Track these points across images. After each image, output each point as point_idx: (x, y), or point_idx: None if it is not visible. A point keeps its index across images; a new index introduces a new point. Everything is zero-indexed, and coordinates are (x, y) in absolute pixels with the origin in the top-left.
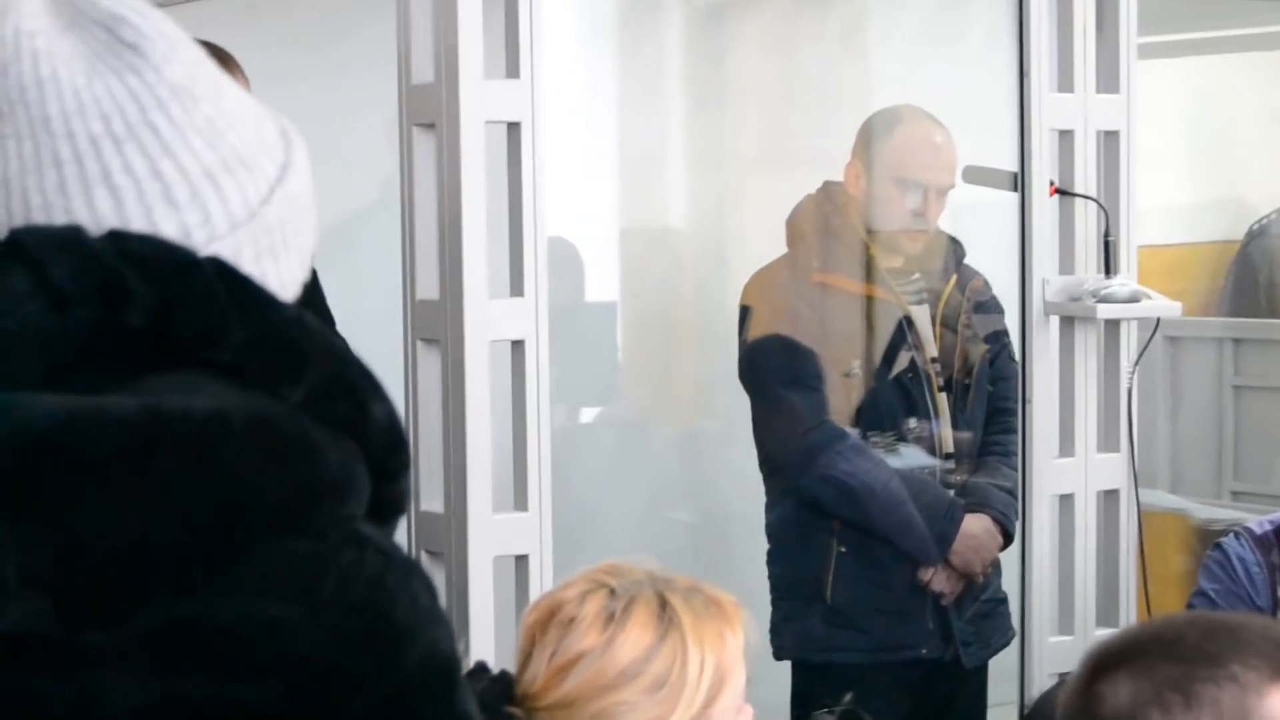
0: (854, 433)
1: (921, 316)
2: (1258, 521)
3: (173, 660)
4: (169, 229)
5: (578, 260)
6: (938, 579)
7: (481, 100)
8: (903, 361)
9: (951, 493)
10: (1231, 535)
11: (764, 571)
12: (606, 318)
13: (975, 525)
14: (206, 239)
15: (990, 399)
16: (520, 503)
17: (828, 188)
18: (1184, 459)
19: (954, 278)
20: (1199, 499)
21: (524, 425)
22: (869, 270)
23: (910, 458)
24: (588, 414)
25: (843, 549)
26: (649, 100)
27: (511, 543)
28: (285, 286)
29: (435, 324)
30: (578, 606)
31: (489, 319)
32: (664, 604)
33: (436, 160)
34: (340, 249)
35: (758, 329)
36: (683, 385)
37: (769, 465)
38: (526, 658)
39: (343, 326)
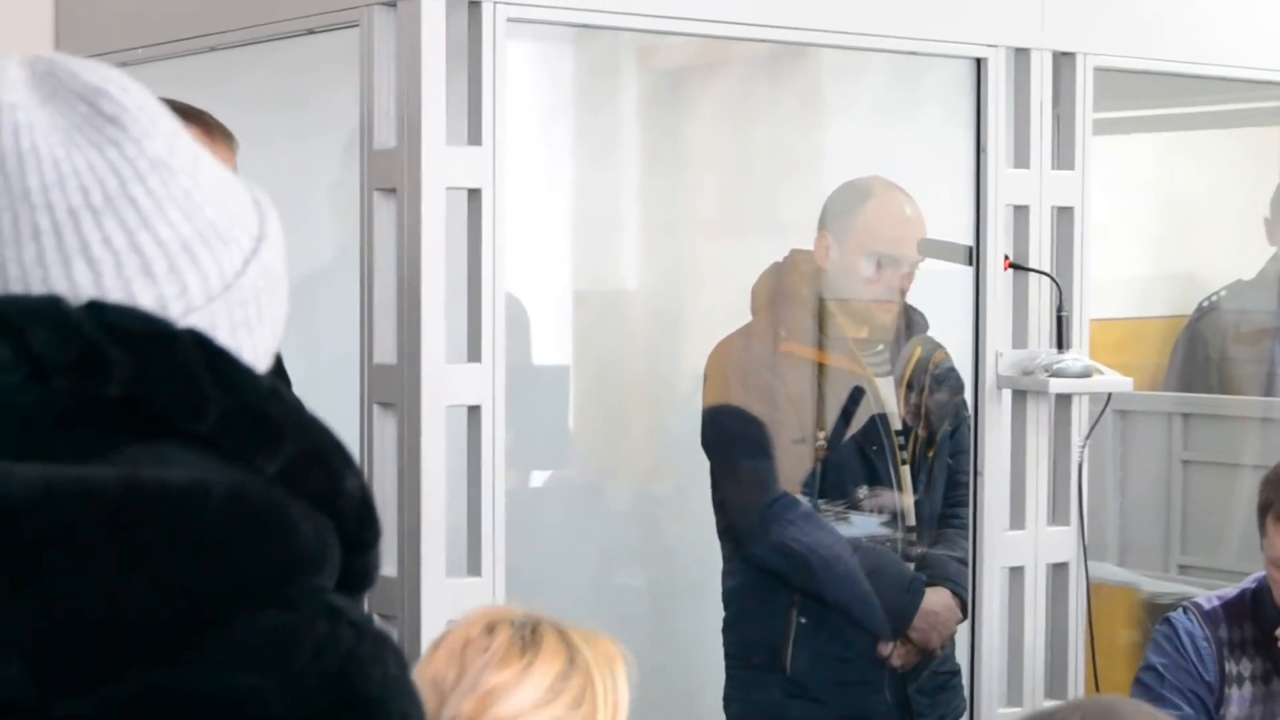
0: (808, 502)
1: (885, 388)
2: (1206, 597)
3: None
4: (146, 301)
5: (529, 323)
6: (897, 653)
7: (443, 166)
8: (867, 432)
9: (911, 566)
10: (1180, 610)
11: (717, 639)
12: (559, 380)
13: (935, 601)
14: (183, 311)
15: (950, 471)
16: (474, 568)
17: (794, 256)
18: (1132, 532)
19: (917, 350)
20: (1147, 572)
21: (479, 490)
22: (832, 340)
23: (862, 527)
24: (539, 477)
25: (803, 620)
26: (605, 165)
27: (464, 607)
28: (259, 358)
29: (392, 388)
30: (487, 639)
31: (446, 384)
32: (562, 634)
33: (397, 225)
34: (297, 310)
35: (715, 396)
36: (635, 449)
37: (728, 532)
38: (439, 703)
39: (299, 388)
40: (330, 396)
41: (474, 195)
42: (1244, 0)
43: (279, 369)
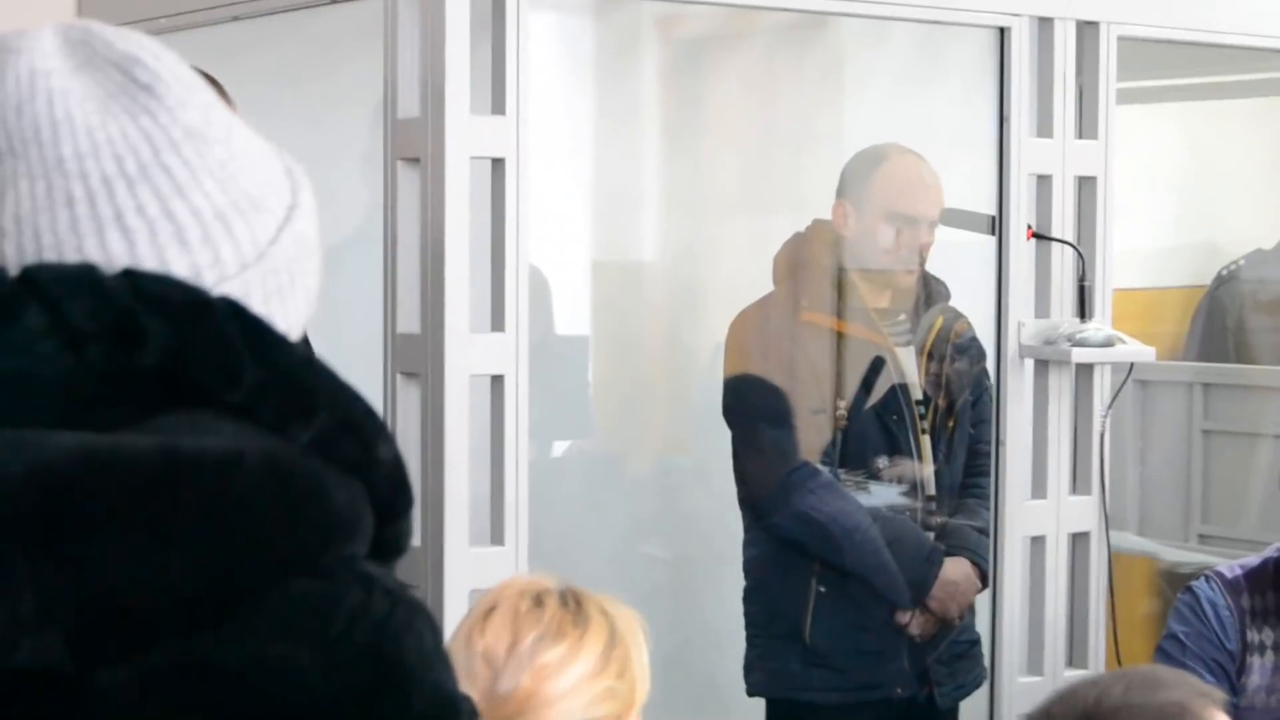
0: (829, 471)
1: (906, 357)
2: (1228, 566)
3: (183, 699)
4: (180, 269)
5: (550, 293)
6: (915, 622)
7: (467, 136)
8: (886, 403)
9: (931, 535)
10: (1202, 579)
11: (738, 608)
12: (579, 351)
13: (954, 571)
14: (217, 279)
15: (970, 441)
16: (497, 537)
17: (816, 226)
18: (1152, 502)
19: (939, 319)
20: (1167, 542)
21: (502, 460)
22: (853, 310)
23: (881, 497)
24: (560, 448)
25: (822, 589)
26: (626, 136)
27: (488, 577)
28: (291, 327)
29: (416, 358)
30: (538, 611)
31: (470, 353)
32: (597, 603)
33: (421, 195)
34: (325, 280)
35: (736, 365)
36: (655, 420)
37: (749, 501)
38: (493, 677)
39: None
40: (356, 366)
41: (497, 165)
42: None
43: (304, 339)
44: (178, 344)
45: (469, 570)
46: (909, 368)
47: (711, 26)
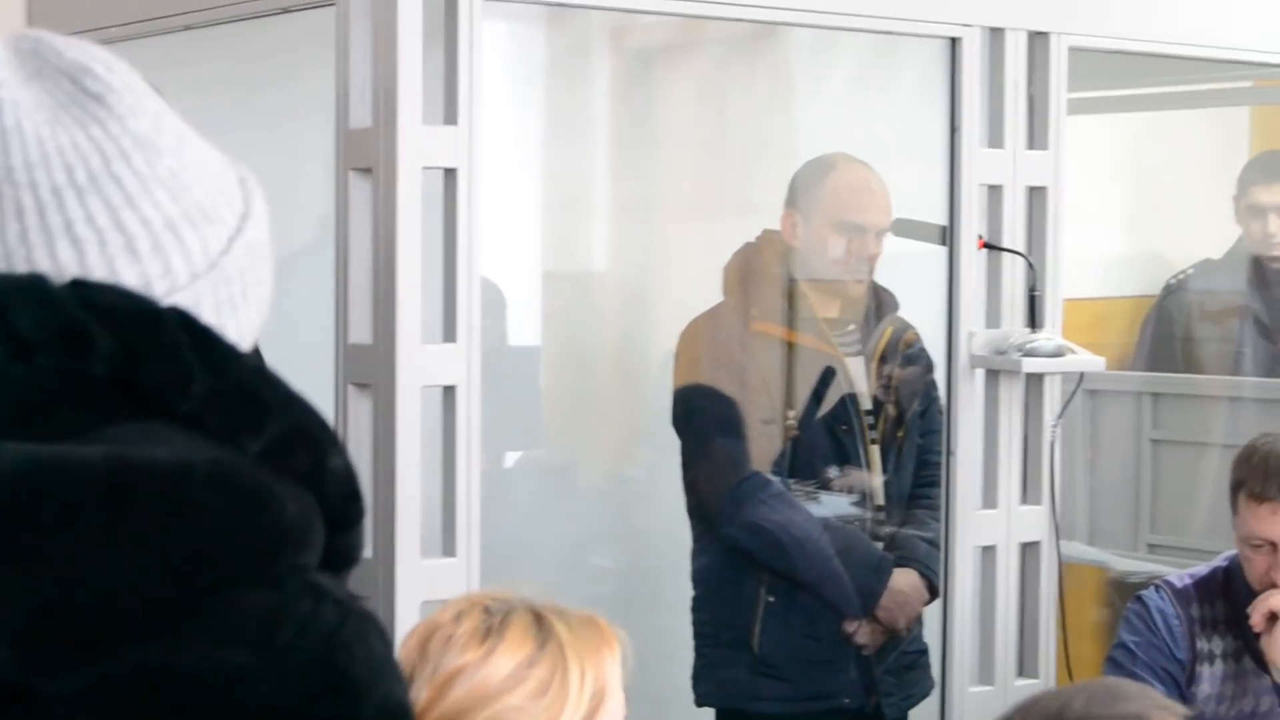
0: (779, 482)
1: (856, 368)
2: (1178, 575)
3: (134, 707)
4: (130, 279)
5: (502, 303)
6: (862, 632)
7: (419, 146)
8: (836, 412)
9: (880, 545)
10: (1152, 588)
11: (689, 619)
12: (530, 361)
13: (903, 581)
14: (167, 290)
15: (919, 451)
16: (448, 548)
17: (766, 236)
18: (1102, 511)
19: (888, 330)
20: (1117, 551)
21: (453, 470)
22: (804, 320)
23: (832, 507)
24: (511, 458)
25: (771, 599)
26: (577, 145)
27: (439, 588)
28: (243, 336)
29: (368, 368)
30: (454, 625)
31: (421, 364)
32: (539, 619)
33: (372, 205)
34: (278, 289)
35: (688, 375)
36: (607, 430)
37: (698, 511)
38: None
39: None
40: (311, 377)
41: (450, 175)
42: None
43: (254, 350)
44: (126, 354)
45: (420, 581)
46: (858, 378)
47: (663, 36)
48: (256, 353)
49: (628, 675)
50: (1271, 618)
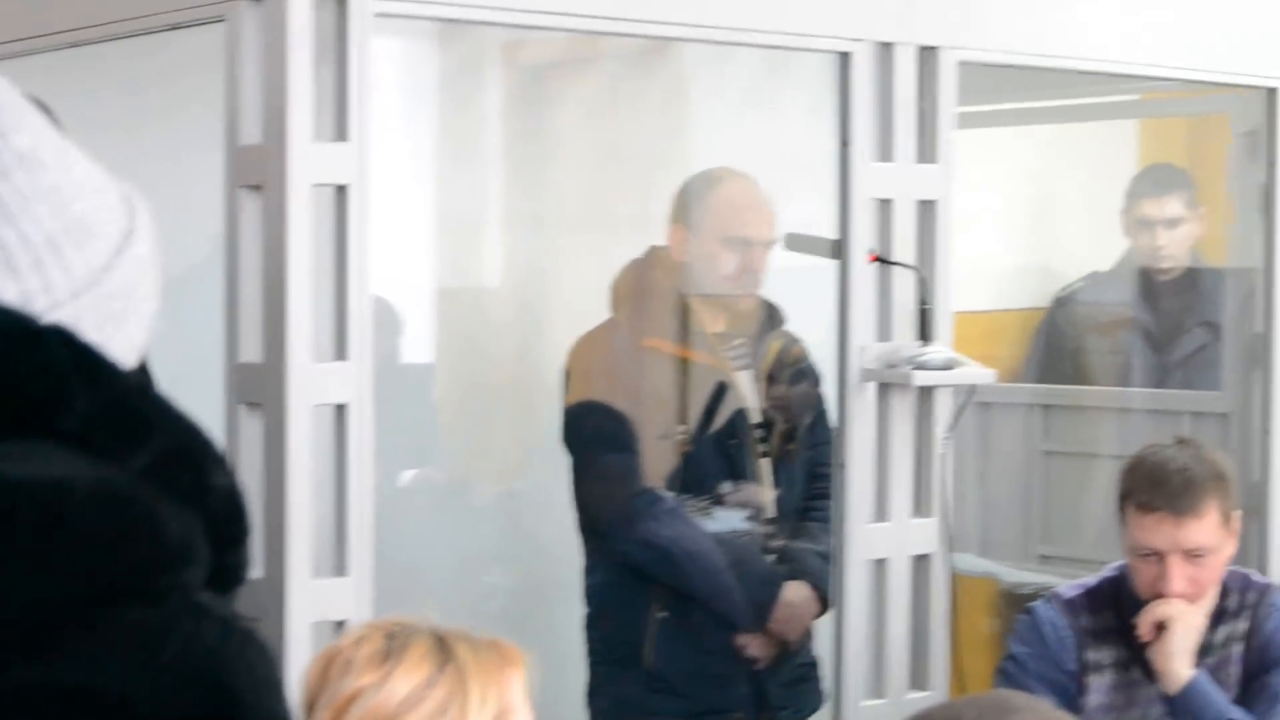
0: (672, 497)
1: (744, 381)
2: (1067, 586)
3: None
4: (9, 296)
5: (395, 320)
6: (754, 645)
7: (310, 163)
8: (726, 426)
9: (772, 558)
10: (1041, 600)
11: (582, 636)
12: (423, 378)
13: (794, 593)
14: (48, 306)
15: (808, 464)
16: (340, 568)
17: (653, 252)
18: (994, 523)
19: (775, 343)
20: (1008, 563)
21: (345, 490)
22: (693, 334)
23: (725, 522)
24: (404, 476)
25: (663, 614)
26: (470, 161)
27: (330, 608)
28: (128, 353)
29: (258, 388)
30: (354, 649)
31: (312, 382)
32: (441, 642)
33: (263, 222)
34: (169, 307)
35: (579, 392)
36: (501, 447)
37: (588, 529)
38: (309, 711)
39: (169, 387)
40: (202, 396)
41: (340, 192)
42: None
43: (142, 367)
44: (5, 372)
45: (311, 602)
46: (747, 392)
47: (556, 51)
48: (144, 370)
49: (534, 695)
50: (1159, 627)
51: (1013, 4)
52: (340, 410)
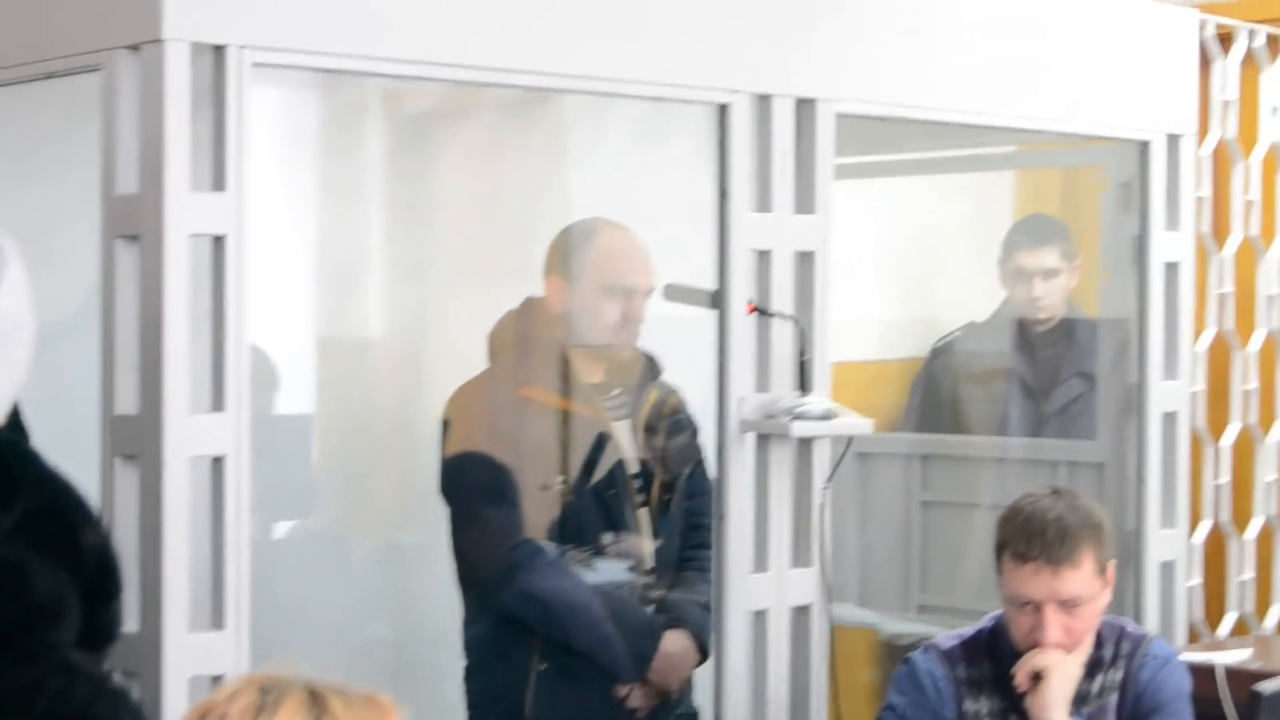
0: (552, 548)
1: (622, 432)
2: (945, 636)
3: None
4: None
5: (274, 371)
6: (634, 695)
7: (187, 213)
8: (604, 477)
9: (651, 609)
10: (920, 650)
11: (462, 688)
12: (303, 429)
13: (673, 643)
14: None
15: (686, 514)
16: (217, 622)
17: (530, 303)
18: (873, 573)
19: (653, 394)
20: (887, 613)
21: (222, 542)
22: (571, 385)
23: (607, 573)
24: (282, 528)
25: (543, 665)
26: (351, 210)
27: (207, 662)
28: None
29: (134, 439)
30: (228, 704)
31: (190, 434)
32: (315, 696)
33: (140, 273)
34: (46, 358)
35: (459, 443)
36: (381, 498)
37: (468, 580)
38: None
39: (47, 440)
40: (80, 448)
41: (218, 242)
42: (973, 50)
43: (15, 420)
44: None
45: (188, 656)
46: (626, 443)
47: (437, 101)
48: (16, 423)
49: None
50: (1036, 677)
51: (889, 57)
52: (218, 462)
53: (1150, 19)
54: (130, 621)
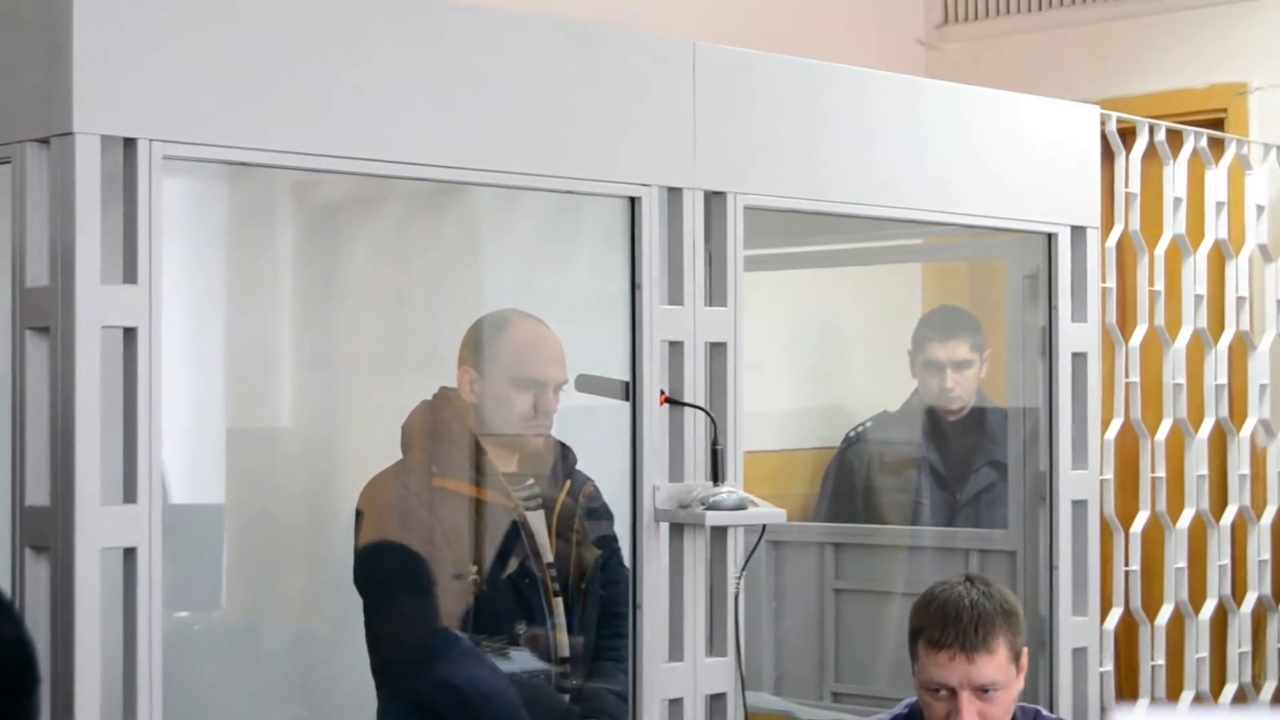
0: (468, 638)
1: (537, 522)
2: None
3: None
4: None
5: (185, 462)
6: None
7: (98, 305)
8: (518, 566)
9: (567, 698)
10: None
11: None
12: (213, 519)
13: None
14: None
15: (602, 604)
16: (129, 713)
17: (443, 393)
18: (787, 661)
19: (567, 483)
20: (802, 700)
21: (134, 634)
22: (485, 475)
23: (521, 662)
24: (194, 620)
25: None
26: (262, 301)
27: None
28: None
29: (46, 531)
30: None
31: (101, 526)
32: None
33: (50, 365)
34: None
35: (372, 533)
36: (292, 588)
37: (382, 670)
38: None
39: None
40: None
41: (129, 334)
42: (880, 145)
43: None
44: None
45: None
46: (540, 532)
47: (348, 192)
48: None
49: None
50: None
51: (797, 151)
52: (130, 553)
53: (1053, 115)
54: (42, 714)
